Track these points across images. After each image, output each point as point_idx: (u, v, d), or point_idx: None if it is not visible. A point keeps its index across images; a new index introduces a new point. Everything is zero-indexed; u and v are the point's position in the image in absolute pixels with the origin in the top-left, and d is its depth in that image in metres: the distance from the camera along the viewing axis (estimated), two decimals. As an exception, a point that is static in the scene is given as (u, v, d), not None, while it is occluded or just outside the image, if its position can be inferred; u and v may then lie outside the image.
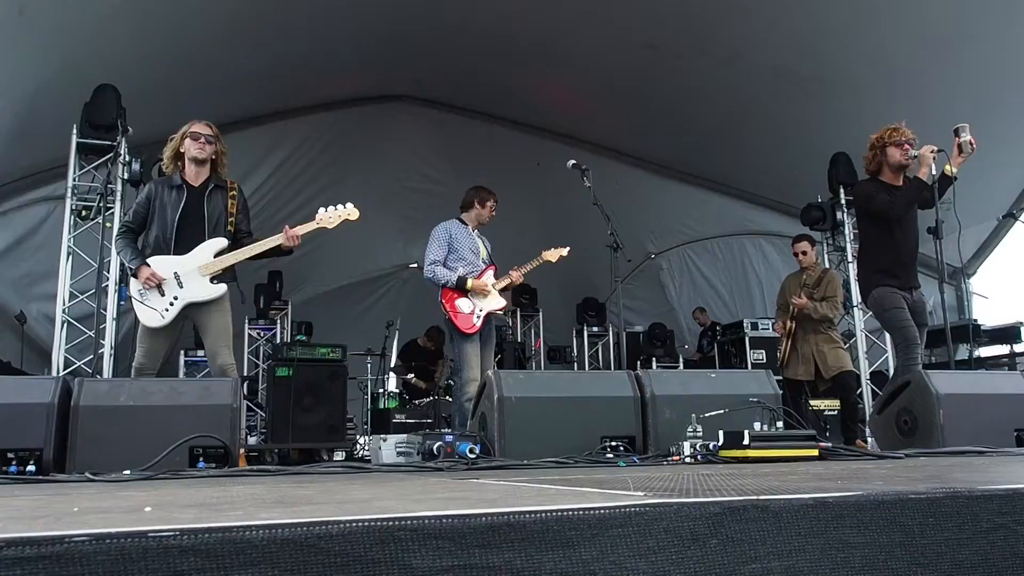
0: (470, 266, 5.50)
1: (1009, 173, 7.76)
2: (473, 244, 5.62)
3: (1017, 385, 4.51)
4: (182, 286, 4.26)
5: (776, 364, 8.83)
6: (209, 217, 4.39)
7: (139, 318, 4.32)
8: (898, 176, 4.98)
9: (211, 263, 4.32)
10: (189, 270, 4.28)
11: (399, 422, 7.42)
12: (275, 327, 9.91)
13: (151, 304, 4.23)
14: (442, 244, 5.51)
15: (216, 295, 4.32)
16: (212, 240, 4.37)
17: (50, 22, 6.14)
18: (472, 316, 5.36)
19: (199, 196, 4.42)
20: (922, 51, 6.91)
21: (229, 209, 4.45)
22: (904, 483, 1.68)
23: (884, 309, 4.96)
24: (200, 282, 4.29)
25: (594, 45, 8.06)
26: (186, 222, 4.33)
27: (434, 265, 5.47)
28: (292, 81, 8.57)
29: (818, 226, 8.43)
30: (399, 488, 1.92)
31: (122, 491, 2.07)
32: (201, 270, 4.29)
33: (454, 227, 5.63)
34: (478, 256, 5.61)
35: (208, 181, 4.49)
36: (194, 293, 4.27)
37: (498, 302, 5.53)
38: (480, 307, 5.41)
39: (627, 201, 9.97)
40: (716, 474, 2.31)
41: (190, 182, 4.45)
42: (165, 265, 4.27)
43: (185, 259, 4.29)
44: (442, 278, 5.41)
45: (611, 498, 1.39)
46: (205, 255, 4.33)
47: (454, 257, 5.50)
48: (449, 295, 5.40)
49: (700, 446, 3.62)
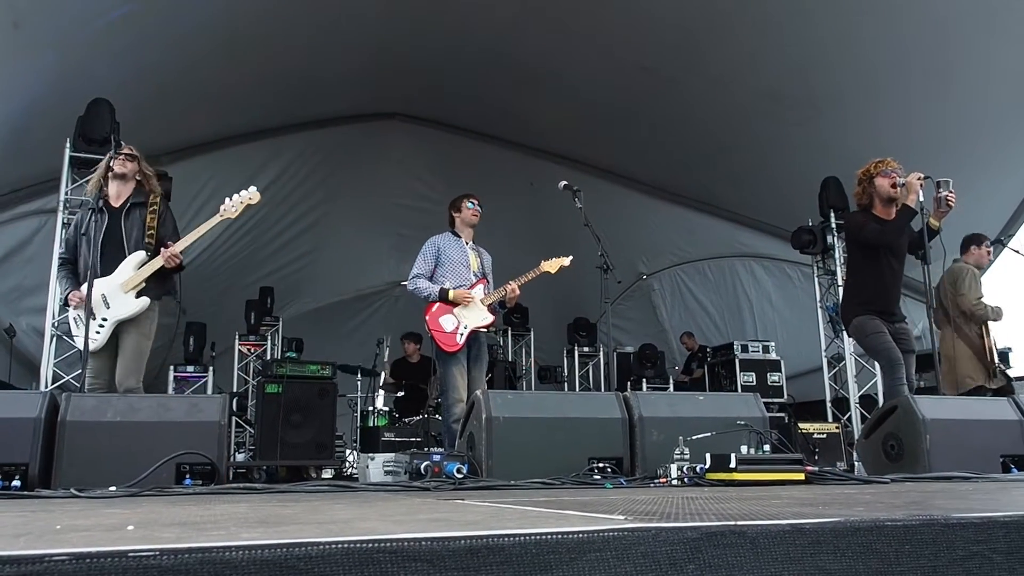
0: (459, 279, 5.34)
1: (997, 199, 7.85)
2: (464, 257, 5.45)
3: (1003, 411, 4.53)
4: (109, 306, 4.31)
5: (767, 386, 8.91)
6: (127, 236, 4.44)
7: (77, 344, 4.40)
8: (889, 209, 5.04)
9: (132, 277, 4.37)
10: (113, 288, 4.34)
11: (388, 440, 7.39)
12: (265, 343, 9.87)
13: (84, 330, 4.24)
14: (427, 257, 5.40)
15: (139, 309, 4.34)
16: (131, 256, 4.42)
17: (45, 36, 6.17)
18: (455, 334, 5.17)
19: (118, 215, 4.47)
20: (910, 77, 7.00)
21: (148, 223, 4.46)
22: (885, 509, 1.69)
23: (865, 335, 5.05)
24: (124, 299, 4.33)
25: (588, 66, 8.13)
26: (108, 244, 4.36)
27: (416, 278, 5.37)
28: (286, 98, 8.61)
29: (808, 249, 8.49)
30: (383, 508, 1.92)
31: (106, 508, 2.07)
32: (123, 287, 4.34)
33: (444, 240, 5.50)
34: (469, 269, 5.43)
35: (127, 201, 4.53)
36: (120, 311, 4.32)
37: (484, 318, 5.31)
38: (465, 323, 5.22)
39: (619, 222, 10.04)
40: (700, 497, 2.31)
41: (112, 203, 4.50)
42: (93, 289, 4.27)
43: (110, 279, 4.34)
44: (424, 291, 5.29)
45: (591, 521, 1.40)
46: (127, 271, 4.39)
47: (442, 271, 5.37)
48: (432, 312, 5.24)
49: (687, 468, 3.62)
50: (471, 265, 5.46)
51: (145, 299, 4.36)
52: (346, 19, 7.40)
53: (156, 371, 9.87)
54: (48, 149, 6.61)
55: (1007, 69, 6.73)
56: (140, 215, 4.50)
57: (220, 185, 9.12)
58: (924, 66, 6.88)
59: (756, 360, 9.12)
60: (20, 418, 3.39)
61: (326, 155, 9.87)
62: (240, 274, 9.98)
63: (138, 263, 4.40)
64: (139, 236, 4.45)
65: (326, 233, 10.79)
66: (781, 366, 9.16)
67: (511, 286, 5.32)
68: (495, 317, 5.42)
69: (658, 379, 10.68)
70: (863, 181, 5.13)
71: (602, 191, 9.87)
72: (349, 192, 10.44)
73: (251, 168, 9.30)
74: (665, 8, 7.04)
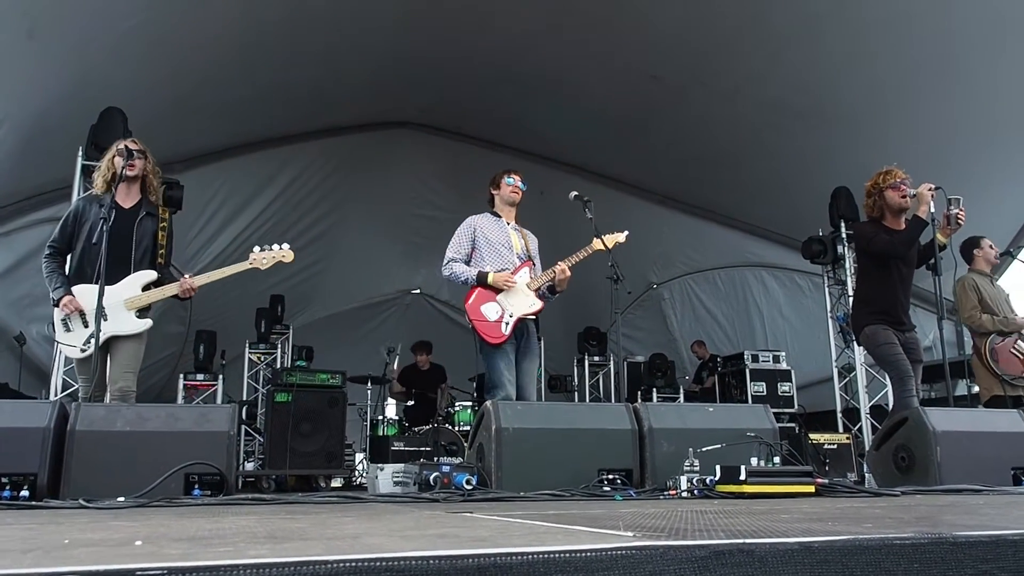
0: (501, 262, 4.82)
1: (1006, 210, 7.81)
2: (505, 238, 4.90)
3: (1014, 423, 4.49)
4: (107, 319, 4.02)
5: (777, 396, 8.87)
6: (137, 245, 4.24)
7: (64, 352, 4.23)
8: (899, 219, 5.04)
9: (138, 297, 4.17)
10: (115, 302, 4.08)
11: (397, 450, 7.39)
12: (275, 351, 9.90)
13: (72, 337, 4.09)
14: (462, 239, 4.90)
15: (140, 329, 4.17)
16: (141, 272, 4.23)
17: (59, 45, 6.22)
18: (500, 323, 4.64)
19: (130, 220, 4.26)
20: (916, 88, 7.01)
21: (159, 240, 4.32)
22: (894, 525, 1.68)
23: (876, 345, 5.03)
24: (126, 315, 4.13)
25: (598, 76, 8.15)
26: (113, 246, 4.08)
27: (451, 263, 4.85)
28: (299, 106, 8.66)
29: (819, 259, 8.46)
30: (391, 522, 1.92)
31: (114, 520, 2.07)
32: (127, 304, 4.13)
33: (482, 220, 4.98)
34: (511, 251, 4.89)
35: (140, 205, 4.34)
36: (119, 327, 4.11)
37: (532, 304, 4.77)
38: (510, 311, 4.68)
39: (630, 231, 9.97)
40: (710, 511, 2.30)
41: (121, 203, 4.28)
42: (88, 295, 4.04)
43: (112, 291, 4.07)
44: (461, 275, 4.78)
45: (599, 538, 1.40)
46: (133, 288, 4.18)
47: (481, 254, 4.86)
48: (472, 300, 4.71)
49: (697, 480, 3.61)
50: (514, 247, 4.91)
51: (148, 320, 4.23)
52: (358, 30, 7.44)
53: (166, 379, 9.93)
54: (60, 157, 6.66)
55: (1012, 83, 6.74)
56: (152, 227, 4.35)
57: (231, 193, 9.20)
58: (931, 80, 6.88)
59: (767, 370, 9.08)
60: (29, 427, 3.40)
61: (337, 164, 9.92)
62: (251, 282, 10.00)
63: (145, 283, 4.22)
64: (148, 250, 4.32)
65: (337, 241, 10.83)
66: (792, 376, 9.12)
67: (560, 266, 4.79)
68: (544, 304, 4.86)
69: (668, 389, 10.65)
70: (872, 193, 5.12)
71: (612, 200, 9.87)
72: (360, 200, 10.48)
73: (263, 176, 9.36)
74: (674, 21, 7.06)
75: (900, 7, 6.31)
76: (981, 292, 5.85)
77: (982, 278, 5.95)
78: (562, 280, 4.82)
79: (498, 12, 7.35)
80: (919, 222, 4.85)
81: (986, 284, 5.93)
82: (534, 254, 5.06)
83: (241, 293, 9.83)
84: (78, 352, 4.07)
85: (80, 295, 4.11)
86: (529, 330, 4.87)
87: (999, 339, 5.76)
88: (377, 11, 7.24)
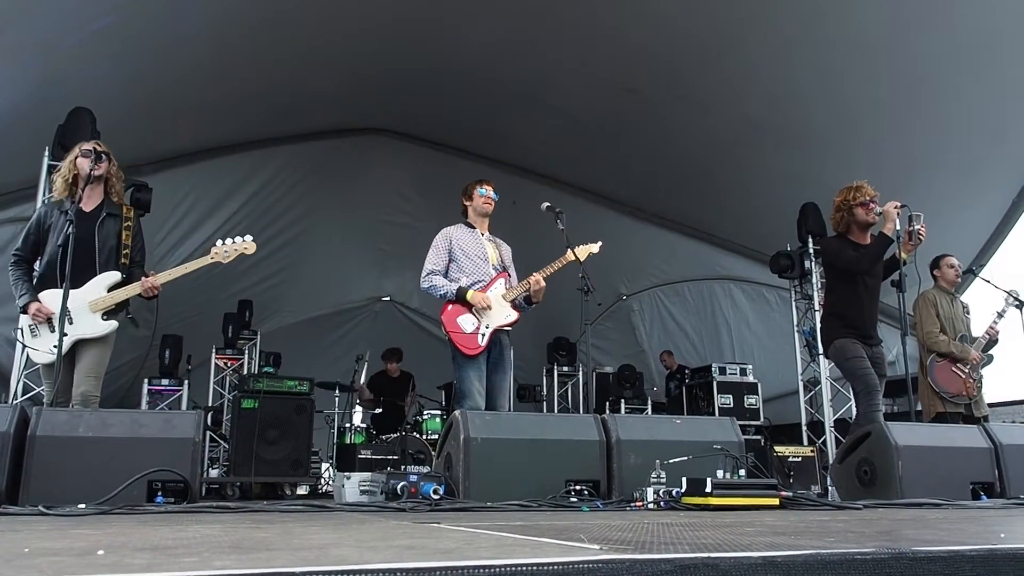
0: (477, 274, 4.90)
1: (969, 229, 7.99)
2: (480, 249, 4.98)
3: (974, 439, 4.59)
4: (72, 322, 4.04)
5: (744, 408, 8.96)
6: (100, 247, 4.24)
7: (29, 356, 4.23)
8: (865, 234, 5.16)
9: (102, 298, 4.17)
10: (80, 305, 4.09)
11: (365, 458, 7.34)
12: (243, 357, 9.79)
13: (40, 342, 4.09)
14: (440, 252, 4.94)
15: (106, 331, 4.17)
16: (105, 274, 4.23)
17: (29, 41, 6.11)
18: (476, 335, 4.71)
19: (91, 223, 4.25)
20: (883, 109, 7.18)
21: (123, 239, 4.29)
22: (856, 539, 1.71)
23: (845, 358, 5.11)
24: (91, 319, 4.13)
25: (572, 87, 8.20)
26: (77, 250, 4.05)
27: (431, 275, 4.88)
28: (271, 111, 8.59)
29: (786, 274, 8.58)
30: (358, 532, 1.91)
31: (76, 528, 2.04)
32: (92, 306, 4.13)
33: (457, 231, 5.04)
34: (487, 262, 4.96)
35: (101, 207, 4.33)
36: (84, 330, 4.11)
37: (508, 315, 4.84)
38: (486, 322, 4.76)
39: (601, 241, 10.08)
40: (676, 524, 2.32)
41: (82, 207, 4.26)
42: (55, 300, 4.03)
43: (77, 294, 4.08)
44: (440, 288, 4.81)
45: (566, 551, 1.41)
46: (97, 290, 4.18)
47: (458, 266, 4.91)
48: (449, 311, 4.76)
49: (663, 492, 3.64)
50: (489, 258, 4.99)
51: (114, 322, 4.20)
52: (332, 36, 7.41)
53: (130, 384, 9.76)
54: (26, 157, 6.53)
55: (975, 105, 6.92)
56: (115, 227, 4.32)
57: (201, 196, 9.09)
58: (897, 101, 7.04)
59: (734, 382, 9.17)
60: (-11, 432, 3.34)
61: (310, 169, 9.85)
62: (219, 286, 9.89)
63: (110, 284, 4.22)
64: (112, 251, 4.30)
65: (307, 247, 10.74)
66: (758, 389, 9.21)
67: (535, 277, 4.84)
68: (520, 315, 4.93)
69: (637, 400, 10.70)
70: (842, 208, 5.22)
71: (584, 211, 9.92)
72: (331, 206, 10.41)
73: (233, 180, 9.27)
74: (649, 36, 7.13)
75: (868, 34, 6.46)
76: (939, 309, 5.97)
77: (942, 295, 6.07)
78: (537, 291, 4.87)
79: (472, 21, 7.37)
80: (885, 239, 4.95)
81: (945, 302, 6.05)
82: (508, 264, 5.13)
83: (209, 298, 9.71)
84: (47, 356, 4.05)
85: (47, 300, 4.11)
86: (503, 342, 4.92)
87: (940, 358, 5.85)
88: (351, 17, 7.21)
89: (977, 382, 5.85)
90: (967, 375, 5.80)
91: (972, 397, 5.80)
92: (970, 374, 5.81)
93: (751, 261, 10.24)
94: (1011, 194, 7.87)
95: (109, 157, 4.37)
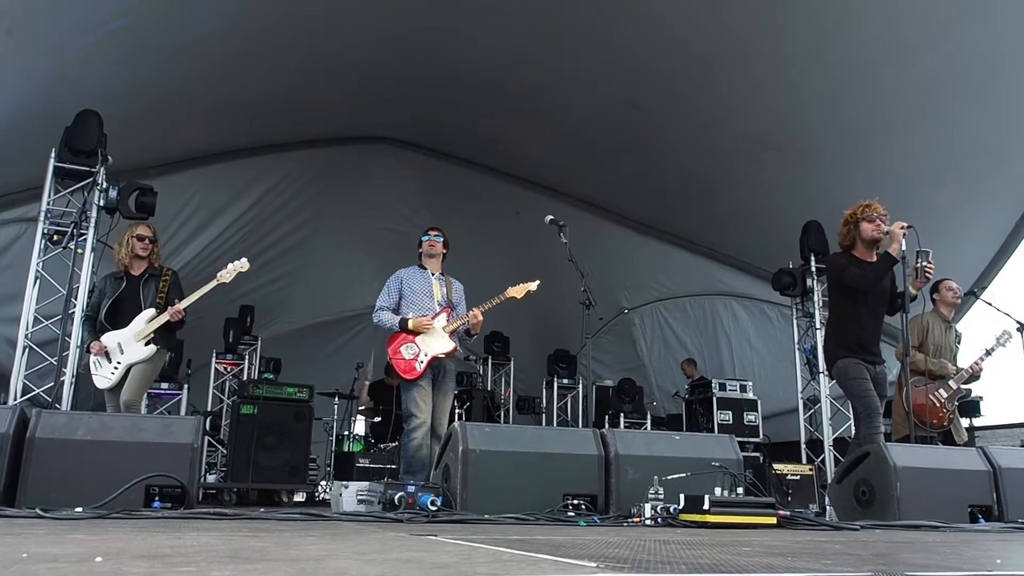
0: (422, 309, 5.51)
1: (969, 252, 7.98)
2: (427, 287, 5.61)
3: (972, 461, 4.58)
4: (123, 352, 5.31)
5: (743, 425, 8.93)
6: (143, 301, 5.46)
7: (96, 385, 5.34)
8: (870, 252, 5.15)
9: (143, 328, 5.35)
10: (128, 338, 5.34)
11: (362, 467, 7.33)
12: (243, 362, 9.79)
13: (102, 370, 5.31)
14: (391, 291, 5.62)
15: (148, 355, 5.31)
16: (144, 312, 5.41)
17: (38, 45, 6.15)
18: (415, 361, 5.33)
19: (136, 284, 5.53)
20: (884, 129, 7.18)
21: (160, 290, 5.51)
22: (851, 562, 1.70)
23: (848, 378, 5.09)
24: (136, 346, 5.32)
25: (578, 101, 8.22)
26: (126, 304, 5.43)
27: (379, 311, 5.61)
28: (277, 118, 8.62)
29: (788, 291, 8.56)
30: (356, 544, 1.91)
31: (73, 533, 2.04)
32: (136, 336, 5.33)
33: (408, 273, 5.71)
34: (432, 298, 5.59)
35: (145, 271, 5.56)
36: (132, 356, 5.31)
37: (445, 345, 5.41)
38: (425, 350, 5.36)
39: (603, 255, 10.10)
40: (673, 541, 2.32)
41: (132, 273, 5.54)
42: (111, 338, 5.34)
43: (125, 331, 5.36)
44: (386, 322, 5.53)
45: (562, 568, 1.40)
46: (140, 324, 5.37)
47: (407, 302, 5.57)
48: (393, 342, 5.45)
49: (661, 508, 3.63)
50: (435, 295, 5.62)
51: (153, 346, 5.31)
52: (340, 44, 7.45)
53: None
54: (33, 158, 6.55)
55: (976, 125, 6.92)
56: (155, 285, 5.53)
57: (205, 200, 9.11)
58: (898, 121, 7.06)
59: (733, 399, 9.14)
60: (-11, 433, 3.34)
61: (314, 176, 9.87)
62: (220, 292, 9.87)
63: (148, 318, 5.36)
64: (151, 299, 5.45)
65: (310, 254, 10.76)
66: (758, 406, 9.18)
67: (474, 312, 5.42)
68: (455, 345, 5.49)
69: (636, 414, 10.66)
70: (849, 223, 5.23)
71: (587, 224, 9.93)
72: (335, 214, 10.43)
73: (238, 185, 9.29)
74: (654, 52, 7.16)
75: (870, 52, 6.48)
76: (927, 334, 5.97)
77: (937, 321, 6.07)
78: (475, 324, 5.46)
79: (477, 33, 7.40)
80: (889, 259, 4.96)
81: (939, 329, 6.05)
82: (456, 300, 5.72)
83: (210, 303, 9.69)
84: (108, 380, 5.27)
85: (104, 339, 5.37)
86: (446, 368, 5.51)
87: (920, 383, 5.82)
88: (359, 26, 7.25)
89: (951, 412, 5.86)
90: (942, 404, 5.81)
91: (944, 427, 5.81)
92: (944, 404, 5.82)
93: (753, 278, 10.22)
94: (1014, 216, 7.86)
95: (156, 240, 5.61)
